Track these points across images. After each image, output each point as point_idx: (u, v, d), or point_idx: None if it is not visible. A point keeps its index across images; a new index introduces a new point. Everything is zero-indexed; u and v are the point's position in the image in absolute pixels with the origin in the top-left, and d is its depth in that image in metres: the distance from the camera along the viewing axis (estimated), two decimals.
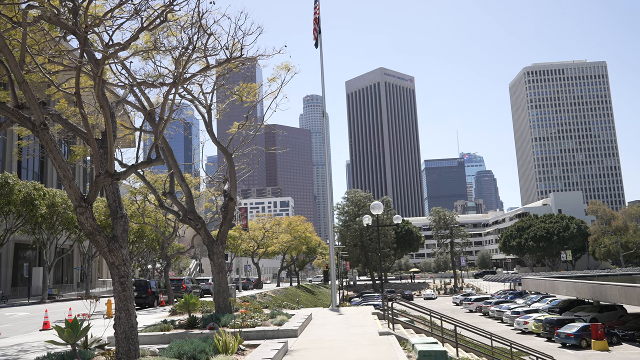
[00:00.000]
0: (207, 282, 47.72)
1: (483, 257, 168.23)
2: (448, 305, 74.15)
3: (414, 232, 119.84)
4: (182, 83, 14.40)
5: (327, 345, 12.82)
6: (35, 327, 20.82)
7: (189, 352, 10.18)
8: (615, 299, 35.65)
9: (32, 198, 38.71)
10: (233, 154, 20.05)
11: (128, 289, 9.62)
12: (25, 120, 9.43)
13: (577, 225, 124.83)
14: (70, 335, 9.78)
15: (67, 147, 48.47)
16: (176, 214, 19.43)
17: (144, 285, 32.82)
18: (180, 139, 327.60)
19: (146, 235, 52.78)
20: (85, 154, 21.19)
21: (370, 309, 22.52)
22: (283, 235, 65.22)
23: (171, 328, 14.91)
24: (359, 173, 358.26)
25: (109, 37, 10.71)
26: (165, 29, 13.72)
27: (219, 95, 21.80)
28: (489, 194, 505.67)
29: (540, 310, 49.47)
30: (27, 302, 41.37)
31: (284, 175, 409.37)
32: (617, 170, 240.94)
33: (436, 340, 12.83)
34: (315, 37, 25.94)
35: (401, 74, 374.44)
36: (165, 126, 11.66)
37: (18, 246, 50.38)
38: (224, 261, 18.70)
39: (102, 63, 9.59)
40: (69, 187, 9.29)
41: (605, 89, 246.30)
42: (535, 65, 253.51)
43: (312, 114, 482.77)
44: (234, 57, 15.60)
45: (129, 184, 37.73)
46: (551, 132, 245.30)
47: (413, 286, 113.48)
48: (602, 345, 34.58)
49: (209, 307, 20.15)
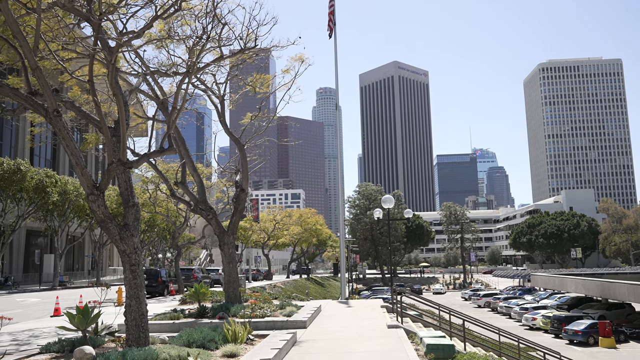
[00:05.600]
0: (217, 272, 47.93)
1: (493, 253, 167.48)
2: (457, 300, 73.98)
3: (424, 227, 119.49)
4: (195, 73, 14.37)
5: (336, 336, 12.82)
6: (47, 313, 21.03)
7: (199, 341, 10.22)
8: (623, 297, 35.51)
9: (44, 185, 38.99)
10: (245, 145, 20.02)
11: (139, 277, 9.65)
12: (38, 107, 9.45)
13: (588, 223, 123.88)
14: (81, 322, 9.85)
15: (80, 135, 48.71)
16: (187, 203, 19.47)
17: (155, 274, 33.03)
18: (192, 129, 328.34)
19: (157, 225, 53.11)
20: (98, 142, 21.28)
21: (379, 302, 22.50)
22: (293, 228, 65.27)
23: (181, 317, 14.98)
24: (370, 166, 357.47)
25: (123, 25, 10.70)
26: (179, 18, 13.66)
27: (232, 85, 21.76)
28: (500, 190, 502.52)
29: (548, 307, 49.27)
30: (38, 288, 41.84)
31: (295, 167, 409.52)
32: (630, 169, 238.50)
33: (444, 334, 12.80)
34: (331, 28, 25.83)
35: (415, 68, 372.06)
36: (178, 116, 11.65)
37: (30, 233, 50.90)
38: (235, 252, 18.73)
39: (115, 51, 9.58)
40: (81, 175, 9.31)
41: (620, 87, 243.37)
42: (551, 62, 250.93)
43: (325, 106, 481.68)
44: (248, 48, 15.53)
45: (140, 173, 37.95)
46: (564, 129, 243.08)
47: (422, 280, 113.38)
48: (609, 342, 34.44)
49: (219, 297, 20.23)
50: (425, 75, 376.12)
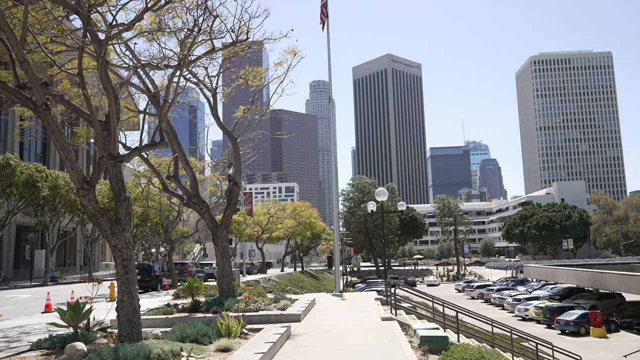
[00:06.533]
0: (211, 267, 47.88)
1: (486, 244, 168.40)
2: (450, 292, 74.34)
3: (418, 219, 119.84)
4: (187, 65, 14.20)
5: (330, 329, 12.80)
6: (37, 309, 20.88)
7: (192, 336, 10.16)
8: (614, 287, 35.90)
9: (35, 180, 38.65)
10: (238, 139, 19.90)
11: (131, 272, 9.57)
12: (26, 101, 9.30)
13: (579, 214, 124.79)
14: (72, 318, 9.76)
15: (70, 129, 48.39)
16: (180, 197, 19.35)
17: (148, 268, 32.94)
18: (185, 123, 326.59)
19: (150, 219, 52.90)
20: (89, 136, 21.09)
21: (374, 295, 22.53)
22: (288, 221, 65.23)
23: (174, 312, 14.91)
24: (364, 159, 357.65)
25: (113, 17, 10.53)
26: (170, 10, 13.48)
27: (224, 78, 21.60)
28: (493, 182, 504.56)
29: (540, 298, 49.66)
30: (29, 284, 41.60)
31: (289, 160, 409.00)
32: (620, 161, 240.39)
33: (438, 326, 12.81)
34: (323, 21, 25.67)
35: (408, 61, 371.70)
36: (169, 109, 11.52)
37: (20, 228, 50.44)
38: (228, 246, 18.66)
39: (105, 43, 9.43)
40: (71, 169, 9.19)
41: (611, 80, 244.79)
42: (542, 55, 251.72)
43: (319, 99, 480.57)
44: (240, 40, 15.36)
45: (133, 167, 37.70)
46: (556, 121, 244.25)
47: (416, 273, 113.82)
48: (600, 332, 34.87)
49: (213, 291, 20.18)
50: (419, 68, 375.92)
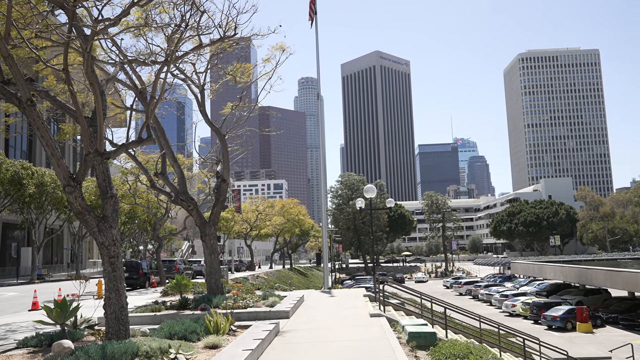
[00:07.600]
0: (199, 264, 47.70)
1: (474, 241, 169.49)
2: (439, 288, 74.76)
3: (406, 216, 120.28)
4: (174, 61, 14.11)
5: (319, 326, 12.82)
6: (24, 307, 20.69)
7: (180, 333, 10.13)
8: (600, 283, 36.26)
9: (20, 177, 38.18)
10: (226, 135, 19.84)
11: (118, 269, 9.51)
12: (11, 97, 9.20)
13: (566, 211, 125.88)
14: (59, 316, 9.69)
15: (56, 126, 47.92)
16: (168, 195, 19.26)
17: (136, 266, 32.73)
18: (172, 119, 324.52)
19: (138, 216, 52.53)
20: (75, 132, 20.90)
21: (362, 291, 22.60)
22: (276, 218, 65.16)
23: (162, 309, 14.85)
24: (353, 156, 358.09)
25: (99, 12, 10.42)
26: (157, 5, 13.39)
27: (212, 75, 21.51)
28: (481, 179, 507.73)
29: (528, 294, 50.09)
30: (15, 282, 41.18)
31: (278, 157, 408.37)
32: (607, 158, 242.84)
33: (426, 322, 12.89)
34: (311, 17, 25.61)
35: (397, 58, 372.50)
36: (157, 105, 11.45)
37: (6, 226, 49.89)
38: (216, 243, 18.62)
39: (91, 39, 9.35)
40: (57, 166, 9.11)
41: (598, 77, 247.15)
42: (530, 52, 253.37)
43: (307, 96, 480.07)
44: (227, 36, 15.29)
45: (120, 164, 37.40)
46: (543, 118, 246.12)
47: (405, 269, 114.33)
48: (586, 327, 35.27)
49: (201, 289, 20.12)
50: (407, 65, 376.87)
